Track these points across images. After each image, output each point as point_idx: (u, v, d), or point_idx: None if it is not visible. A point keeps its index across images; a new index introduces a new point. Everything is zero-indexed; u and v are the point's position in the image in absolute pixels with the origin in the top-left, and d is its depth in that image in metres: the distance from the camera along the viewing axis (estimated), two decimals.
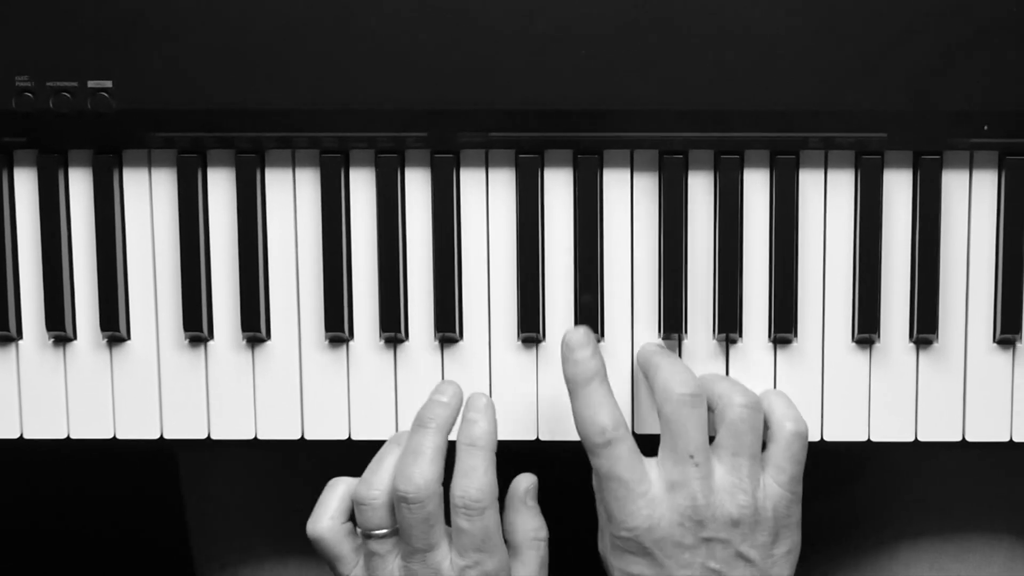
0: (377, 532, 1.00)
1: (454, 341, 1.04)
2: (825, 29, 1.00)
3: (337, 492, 1.02)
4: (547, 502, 1.03)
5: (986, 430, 1.05)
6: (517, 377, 1.04)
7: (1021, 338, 1.04)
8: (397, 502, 0.98)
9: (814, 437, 1.04)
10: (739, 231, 1.03)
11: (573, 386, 0.99)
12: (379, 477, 1.00)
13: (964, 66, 1.01)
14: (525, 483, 1.02)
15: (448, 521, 0.99)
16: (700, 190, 1.03)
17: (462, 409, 1.01)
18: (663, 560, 0.98)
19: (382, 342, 1.04)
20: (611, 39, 1.00)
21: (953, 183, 1.03)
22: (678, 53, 1.00)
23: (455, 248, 1.03)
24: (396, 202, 1.03)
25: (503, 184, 1.03)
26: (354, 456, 1.08)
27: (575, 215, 1.03)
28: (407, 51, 1.00)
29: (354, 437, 1.05)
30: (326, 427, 1.05)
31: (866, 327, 1.03)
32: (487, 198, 1.03)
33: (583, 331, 1.00)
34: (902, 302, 1.04)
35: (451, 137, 1.02)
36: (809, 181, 1.03)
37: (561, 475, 1.05)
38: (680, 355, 1.04)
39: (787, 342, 1.04)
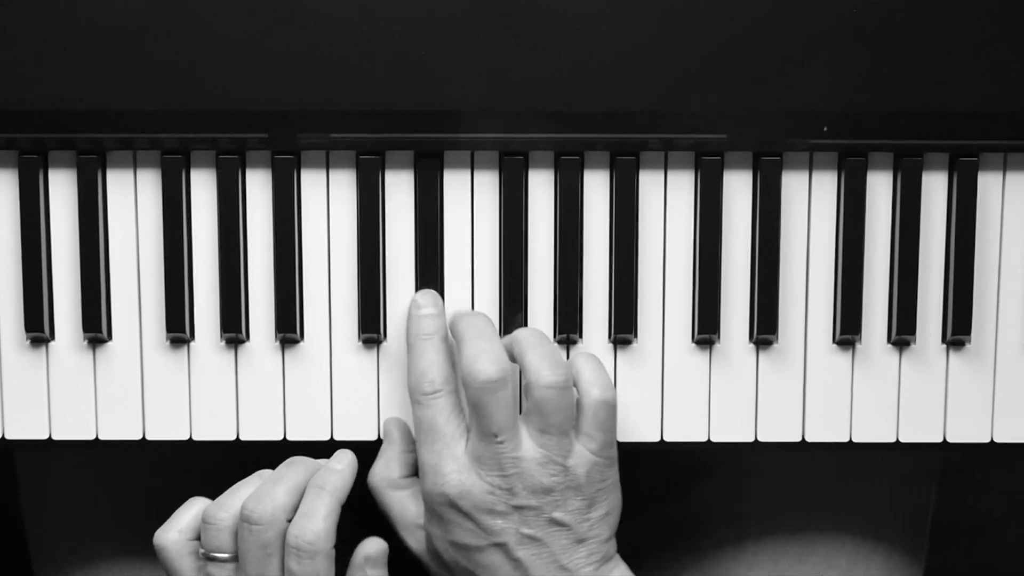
0: (218, 555, 1.00)
1: (295, 342, 1.04)
2: (665, 31, 1.00)
3: (192, 509, 1.02)
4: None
5: (826, 431, 1.05)
6: (358, 377, 1.04)
7: (860, 339, 1.05)
8: (240, 523, 0.99)
9: (653, 438, 1.04)
10: (579, 232, 1.03)
11: (413, 340, 1.01)
12: (231, 501, 1.01)
13: (804, 68, 1.01)
14: (368, 548, 1.02)
15: None
16: (541, 190, 1.03)
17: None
18: (479, 523, 0.98)
19: (223, 343, 1.04)
20: (452, 40, 1.00)
21: (793, 184, 1.04)
22: (519, 54, 1.01)
23: (296, 249, 1.03)
24: (237, 203, 1.03)
25: (344, 185, 1.03)
26: (199, 458, 1.08)
27: (416, 215, 1.03)
28: (248, 52, 1.00)
29: (195, 438, 1.05)
30: (167, 428, 1.05)
31: (706, 328, 1.04)
32: (328, 199, 1.03)
33: (431, 293, 1.02)
34: (742, 303, 1.04)
35: (292, 138, 1.02)
36: (650, 182, 1.04)
37: None
38: None
39: (627, 343, 1.04)
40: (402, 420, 1.03)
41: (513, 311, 1.03)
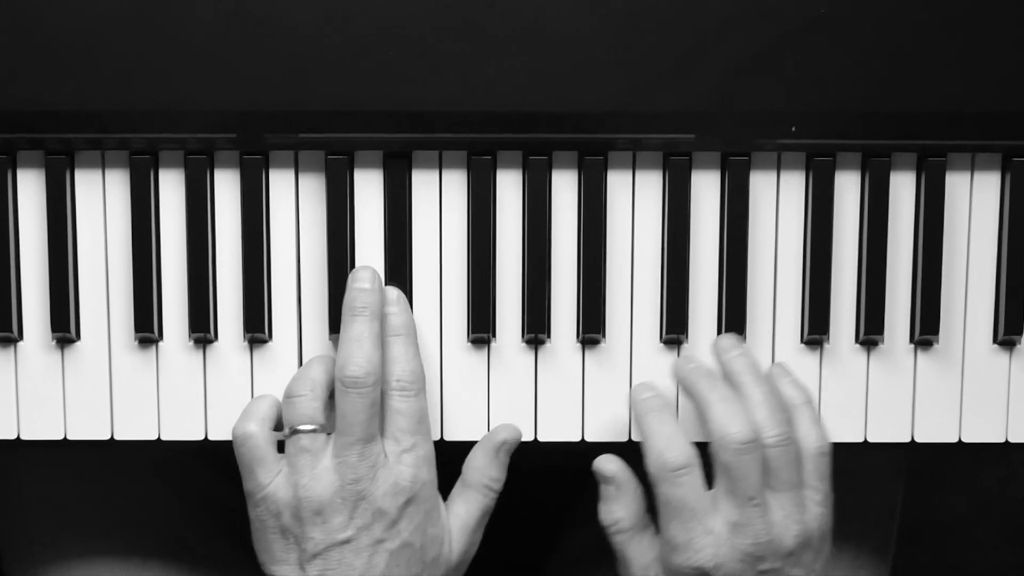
0: (306, 427, 0.99)
1: (263, 341, 1.04)
2: (633, 30, 1.01)
3: (266, 399, 1.02)
4: None
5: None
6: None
7: (828, 339, 1.05)
8: (344, 390, 0.98)
9: (622, 438, 1.05)
10: (547, 232, 1.03)
11: (644, 415, 1.01)
12: (309, 375, 1.00)
13: (772, 68, 1.01)
14: (504, 434, 1.03)
15: None
16: (509, 190, 1.03)
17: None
18: None
19: (191, 343, 1.04)
20: (421, 40, 1.01)
21: (761, 184, 1.04)
22: (487, 54, 1.01)
23: (264, 249, 1.03)
24: (205, 203, 1.03)
25: (312, 185, 1.03)
26: (168, 457, 1.08)
27: (384, 216, 1.03)
28: (217, 52, 1.00)
29: (163, 438, 1.05)
30: (136, 427, 1.05)
31: (674, 328, 1.04)
32: (296, 199, 1.03)
33: (647, 382, 1.03)
34: (710, 303, 1.05)
35: (260, 138, 1.02)
36: (618, 182, 1.04)
37: None
38: (489, 356, 1.04)
39: (595, 343, 1.05)
40: (621, 462, 1.03)
41: (482, 311, 1.03)
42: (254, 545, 1.01)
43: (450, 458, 1.03)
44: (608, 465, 1.02)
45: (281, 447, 1.00)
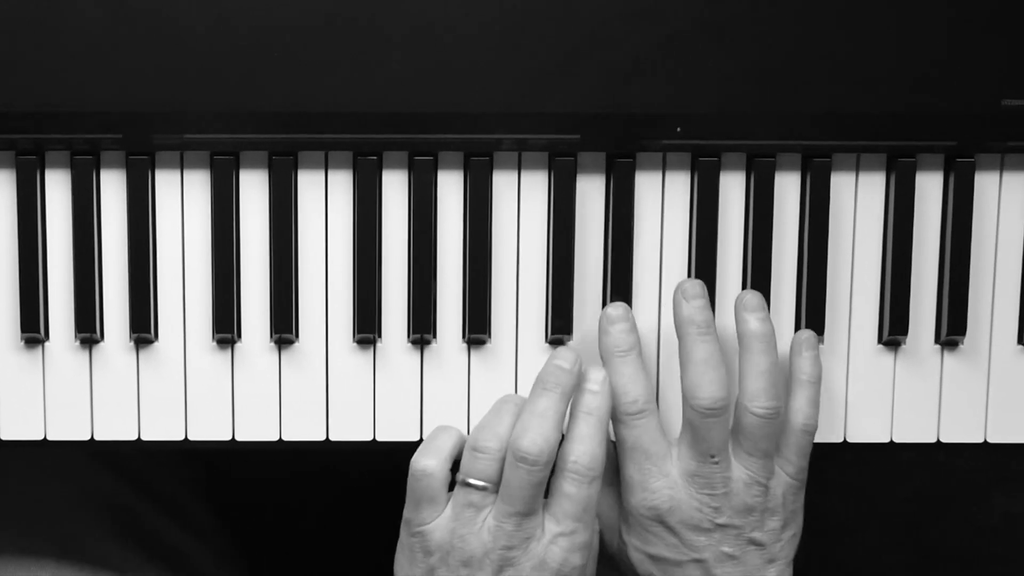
0: (479, 483, 0.99)
1: (149, 342, 1.04)
2: (518, 31, 1.01)
3: (451, 436, 1.02)
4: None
5: None
6: (212, 377, 1.04)
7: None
8: (514, 462, 0.98)
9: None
10: (433, 232, 1.03)
11: (608, 356, 1.01)
12: (499, 430, 1.00)
13: (657, 69, 1.02)
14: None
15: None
16: (395, 191, 1.04)
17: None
18: (682, 539, 1.00)
19: (77, 343, 1.04)
20: (305, 41, 1.01)
21: (647, 184, 1.04)
22: (371, 55, 1.01)
23: (150, 249, 1.03)
24: (91, 203, 1.03)
25: (198, 185, 1.03)
26: (61, 455, 1.08)
27: (270, 216, 1.03)
28: (103, 52, 1.00)
29: (49, 438, 1.05)
30: (19, 428, 1.04)
31: (559, 328, 1.04)
32: (182, 199, 1.04)
33: (622, 306, 1.02)
34: (595, 303, 1.05)
35: (147, 139, 1.02)
36: (504, 183, 1.04)
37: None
38: (375, 357, 1.04)
39: (481, 343, 1.05)
40: None
41: (367, 312, 1.03)
42: (396, 562, 1.02)
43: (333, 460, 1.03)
44: None
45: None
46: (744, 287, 1.05)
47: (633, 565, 1.02)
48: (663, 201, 1.05)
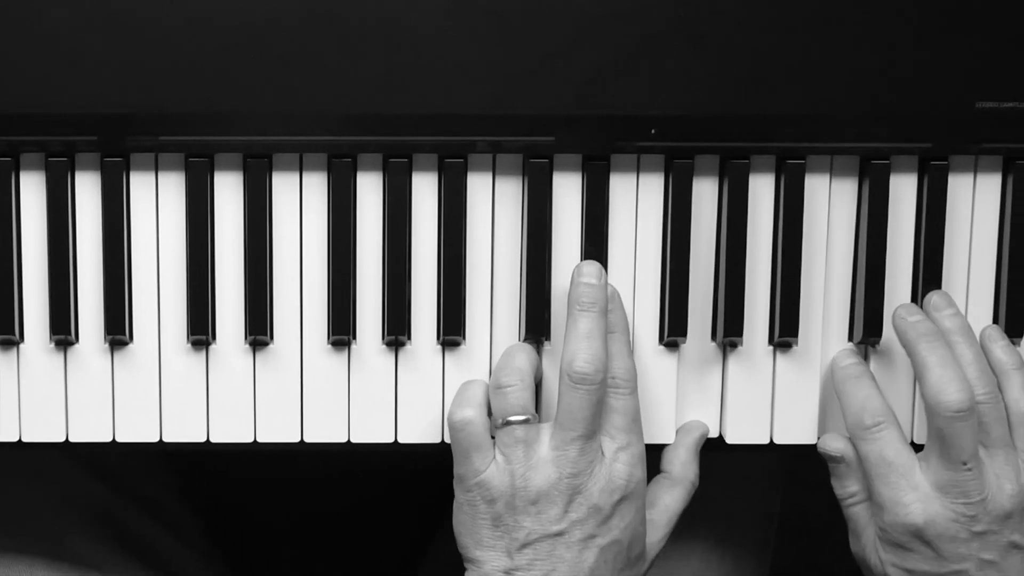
0: (519, 418, 0.99)
1: (124, 343, 1.04)
2: (493, 33, 1.01)
3: (478, 385, 1.02)
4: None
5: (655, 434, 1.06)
6: (187, 379, 1.05)
7: (684, 340, 1.05)
8: (572, 385, 0.98)
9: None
10: (407, 234, 1.04)
11: (843, 382, 1.03)
12: (515, 364, 1.01)
13: (631, 70, 1.02)
14: (700, 430, 1.05)
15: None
16: (370, 193, 1.04)
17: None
18: (941, 553, 1.00)
19: (52, 344, 1.04)
20: (281, 43, 1.01)
21: (621, 186, 1.05)
22: (347, 56, 1.01)
23: (125, 250, 1.03)
24: (66, 205, 1.03)
25: (173, 187, 1.03)
26: (42, 458, 1.08)
27: (244, 218, 1.03)
28: (77, 54, 1.00)
29: (24, 439, 1.05)
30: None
31: (534, 328, 1.04)
32: (156, 201, 1.04)
33: (849, 348, 1.04)
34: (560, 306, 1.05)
35: (121, 140, 1.02)
36: (478, 185, 1.04)
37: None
38: (349, 358, 1.05)
39: (456, 344, 1.05)
40: (844, 437, 1.04)
41: (341, 314, 1.03)
42: (456, 528, 1.01)
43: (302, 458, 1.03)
44: (834, 444, 1.04)
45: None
46: (718, 289, 1.05)
47: None
48: (637, 202, 1.05)
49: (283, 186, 1.04)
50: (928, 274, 1.05)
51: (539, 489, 0.98)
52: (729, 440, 1.06)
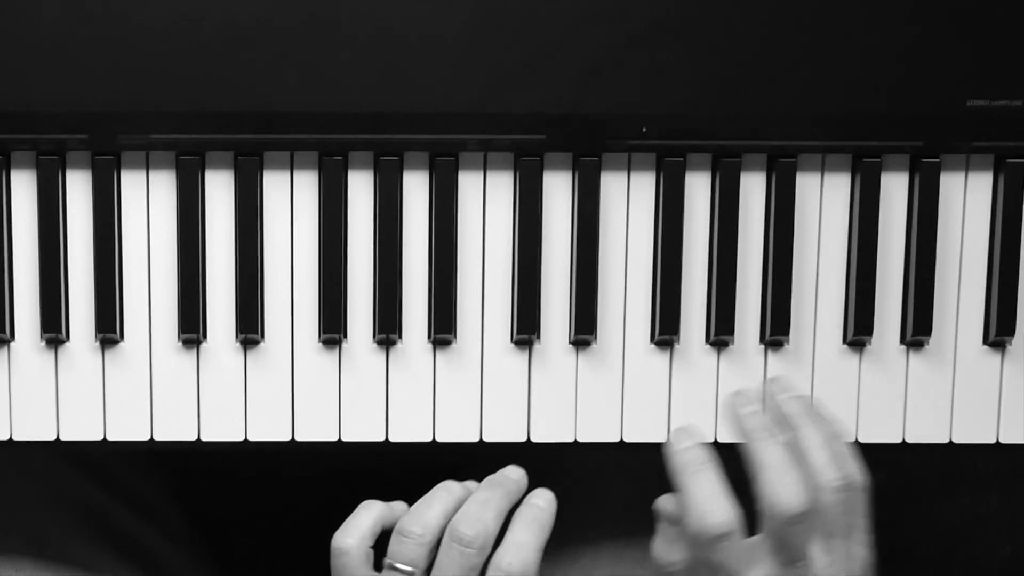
0: (406, 568, 0.99)
1: (115, 342, 1.04)
2: (484, 31, 1.01)
3: (372, 513, 1.01)
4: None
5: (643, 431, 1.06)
6: (178, 378, 1.04)
7: (679, 339, 1.06)
8: (450, 542, 0.98)
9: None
10: (398, 233, 1.03)
11: (683, 475, 0.99)
12: (429, 516, 0.99)
13: (621, 68, 1.02)
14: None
15: None
16: (361, 191, 1.04)
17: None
18: None
19: (43, 343, 1.04)
20: (271, 41, 1.01)
21: (612, 184, 1.04)
22: (336, 55, 1.01)
23: (116, 249, 1.03)
24: (57, 204, 1.03)
25: (164, 185, 1.03)
26: (29, 456, 1.08)
27: (235, 216, 1.03)
28: (68, 52, 1.00)
29: (15, 438, 1.05)
30: None
31: (525, 328, 1.04)
32: (147, 200, 1.04)
33: (684, 430, 1.01)
34: (562, 304, 1.05)
35: (112, 139, 1.02)
36: (469, 183, 1.04)
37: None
38: (340, 358, 1.04)
39: (447, 343, 1.05)
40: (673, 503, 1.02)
41: (333, 313, 1.03)
42: None
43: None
44: (666, 506, 1.03)
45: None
46: (710, 287, 1.05)
47: None
48: (629, 201, 1.05)
49: (274, 184, 1.04)
50: (920, 272, 1.05)
51: None
52: (722, 440, 1.06)
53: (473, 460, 1.06)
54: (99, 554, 1.17)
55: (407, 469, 1.13)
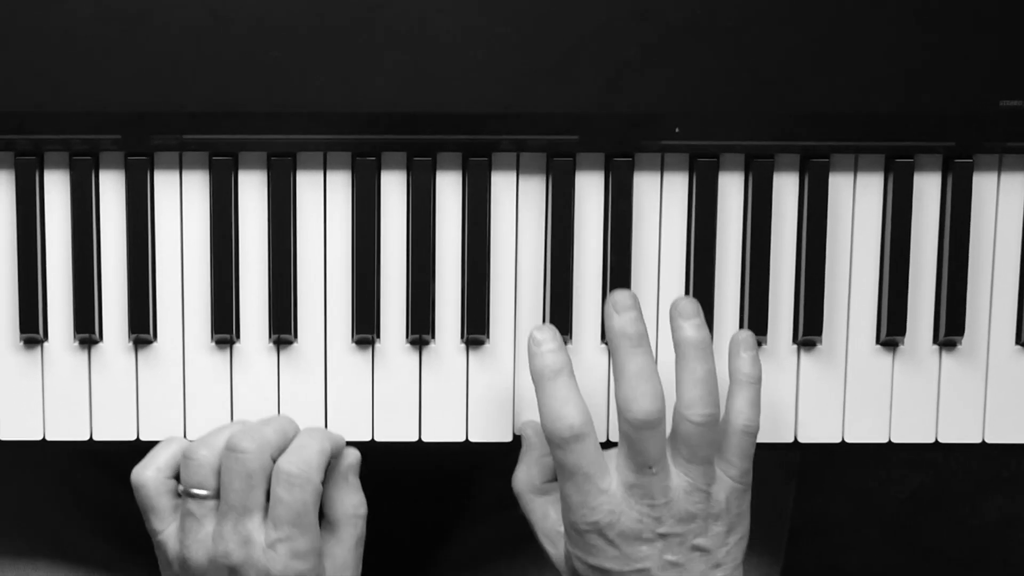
0: (198, 491, 0.99)
1: (148, 342, 1.04)
2: (516, 31, 1.01)
3: (170, 448, 1.02)
4: None
5: None
6: (210, 378, 1.05)
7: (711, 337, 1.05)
8: (225, 453, 0.98)
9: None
10: (431, 233, 1.03)
11: (539, 379, 0.99)
12: (214, 439, 1.00)
13: (655, 68, 1.02)
14: (349, 459, 1.03)
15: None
16: (394, 191, 1.04)
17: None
18: (624, 551, 0.99)
19: (76, 343, 1.05)
20: (304, 42, 1.01)
21: (645, 184, 1.04)
22: (370, 55, 1.01)
23: (149, 249, 1.03)
24: (90, 204, 1.03)
25: (197, 186, 1.03)
26: (52, 457, 1.08)
27: (268, 216, 1.03)
28: (101, 53, 1.00)
29: (48, 438, 1.05)
30: (19, 428, 1.05)
31: (557, 327, 1.04)
32: (181, 200, 1.04)
33: (550, 328, 1.01)
34: (594, 305, 1.05)
35: (145, 139, 1.02)
36: (502, 183, 1.04)
37: None
38: (374, 358, 1.04)
39: (480, 343, 1.05)
40: (537, 424, 1.02)
41: (365, 313, 1.03)
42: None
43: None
44: (525, 429, 1.04)
45: None
46: (743, 287, 1.05)
47: (578, 572, 1.01)
48: (661, 201, 1.05)
49: (307, 184, 1.04)
50: (952, 272, 1.05)
51: (197, 565, 0.99)
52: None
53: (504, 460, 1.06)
54: (117, 553, 1.17)
55: (417, 471, 1.13)
